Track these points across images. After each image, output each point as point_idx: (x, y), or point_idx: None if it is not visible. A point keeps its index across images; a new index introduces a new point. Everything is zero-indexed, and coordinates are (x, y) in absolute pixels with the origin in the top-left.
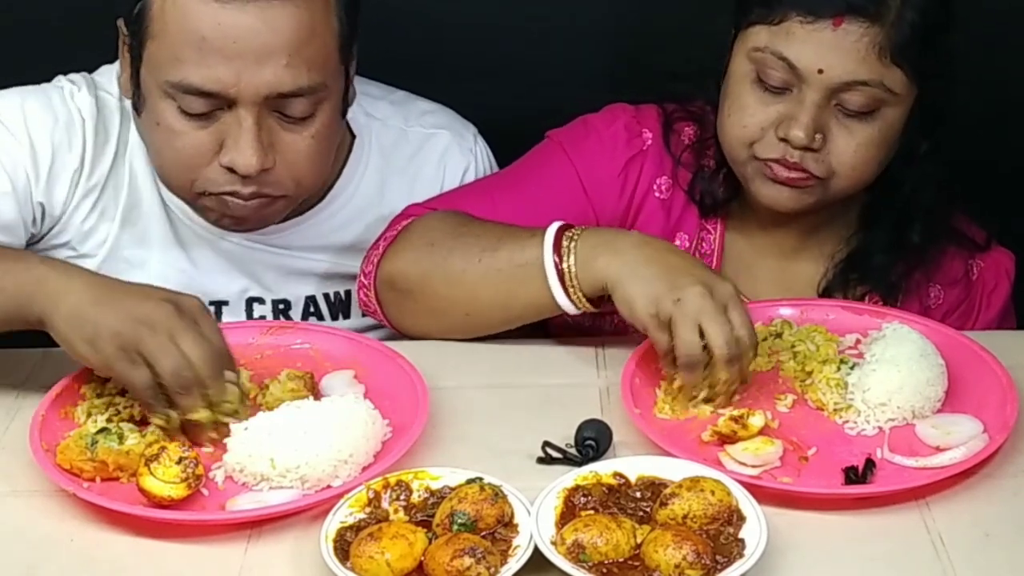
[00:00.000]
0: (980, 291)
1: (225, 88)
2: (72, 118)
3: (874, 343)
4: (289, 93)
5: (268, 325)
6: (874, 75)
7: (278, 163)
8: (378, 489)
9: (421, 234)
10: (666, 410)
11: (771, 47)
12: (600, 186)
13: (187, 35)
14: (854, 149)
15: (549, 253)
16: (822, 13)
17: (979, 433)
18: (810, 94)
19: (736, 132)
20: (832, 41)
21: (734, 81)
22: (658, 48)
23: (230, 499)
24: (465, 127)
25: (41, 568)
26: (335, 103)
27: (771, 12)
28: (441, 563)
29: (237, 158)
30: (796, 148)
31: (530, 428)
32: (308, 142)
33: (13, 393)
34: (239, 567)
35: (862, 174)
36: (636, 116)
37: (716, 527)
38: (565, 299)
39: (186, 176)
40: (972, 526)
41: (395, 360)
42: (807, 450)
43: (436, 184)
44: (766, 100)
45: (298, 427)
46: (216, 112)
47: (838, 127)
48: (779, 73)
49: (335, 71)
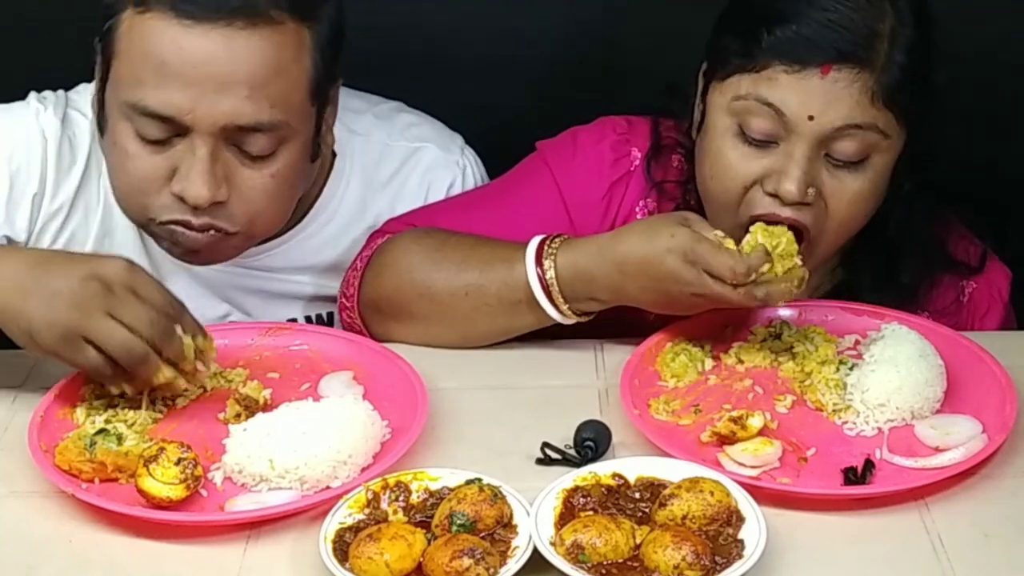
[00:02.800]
0: (971, 315)
1: (180, 114)
2: (31, 139)
3: (873, 344)
4: (248, 127)
5: (267, 326)
6: (868, 119)
7: (233, 198)
8: (377, 490)
9: (398, 258)
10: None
11: (755, 93)
12: (583, 208)
13: (148, 56)
14: (847, 202)
15: (537, 287)
16: (809, 62)
17: (978, 434)
18: (799, 145)
19: (721, 195)
20: (821, 88)
21: (713, 137)
22: (648, 51)
23: (229, 500)
24: (451, 139)
25: (40, 569)
26: (301, 145)
27: (752, 59)
28: (440, 564)
29: (188, 188)
30: (788, 204)
31: (529, 429)
32: (266, 181)
33: (12, 394)
34: (238, 568)
35: (852, 227)
36: (626, 133)
37: (715, 528)
38: (561, 317)
39: (137, 200)
40: (971, 527)
41: (394, 361)
42: (806, 451)
43: (420, 199)
44: (750, 155)
45: (297, 428)
46: (172, 139)
47: (830, 179)
48: (764, 122)
49: (302, 112)
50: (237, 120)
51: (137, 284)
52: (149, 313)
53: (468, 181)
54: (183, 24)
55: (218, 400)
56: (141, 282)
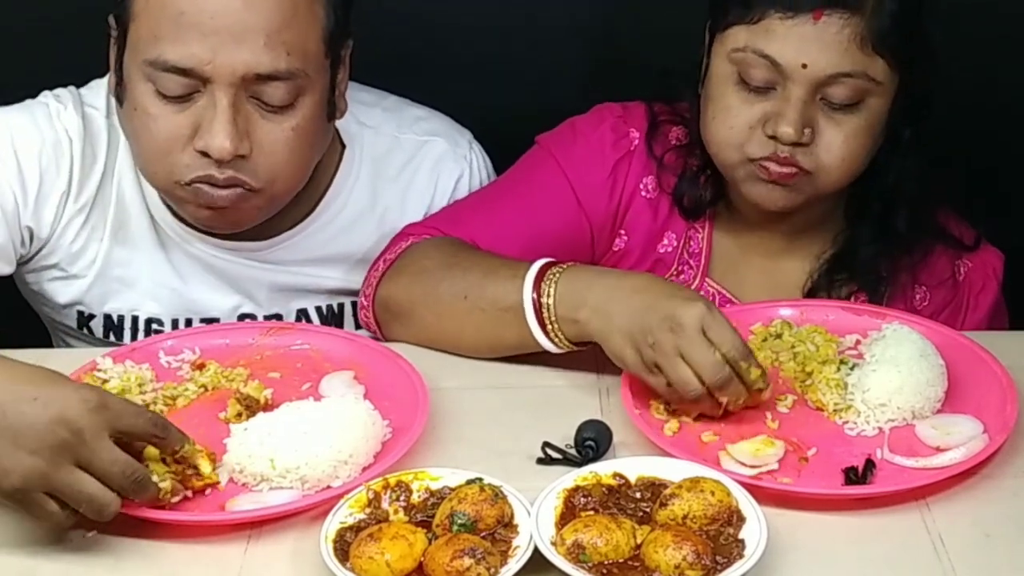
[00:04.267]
0: (967, 292)
1: (200, 64)
2: (59, 139)
3: (874, 344)
4: (267, 75)
5: (268, 326)
6: (857, 66)
7: (255, 152)
8: (378, 490)
9: (415, 260)
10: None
11: (752, 46)
12: (590, 191)
13: (166, 11)
14: (842, 141)
15: (529, 299)
16: (801, 7)
17: (979, 433)
18: (795, 90)
19: (723, 134)
20: (813, 35)
21: (715, 84)
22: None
23: (230, 499)
24: (460, 133)
25: (41, 569)
26: (318, 99)
27: (749, 11)
28: (441, 564)
29: (211, 141)
30: (785, 144)
31: (530, 429)
32: (287, 134)
33: None
34: (239, 567)
35: (851, 165)
36: (623, 115)
37: (716, 527)
38: (548, 342)
39: (162, 163)
40: (972, 526)
41: (395, 361)
42: (807, 450)
43: (429, 193)
44: (750, 100)
45: (298, 428)
46: (193, 95)
47: (825, 120)
48: (762, 72)
49: (318, 62)
50: (256, 68)
51: (110, 420)
52: (121, 464)
53: (475, 175)
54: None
55: (219, 400)
56: (114, 415)
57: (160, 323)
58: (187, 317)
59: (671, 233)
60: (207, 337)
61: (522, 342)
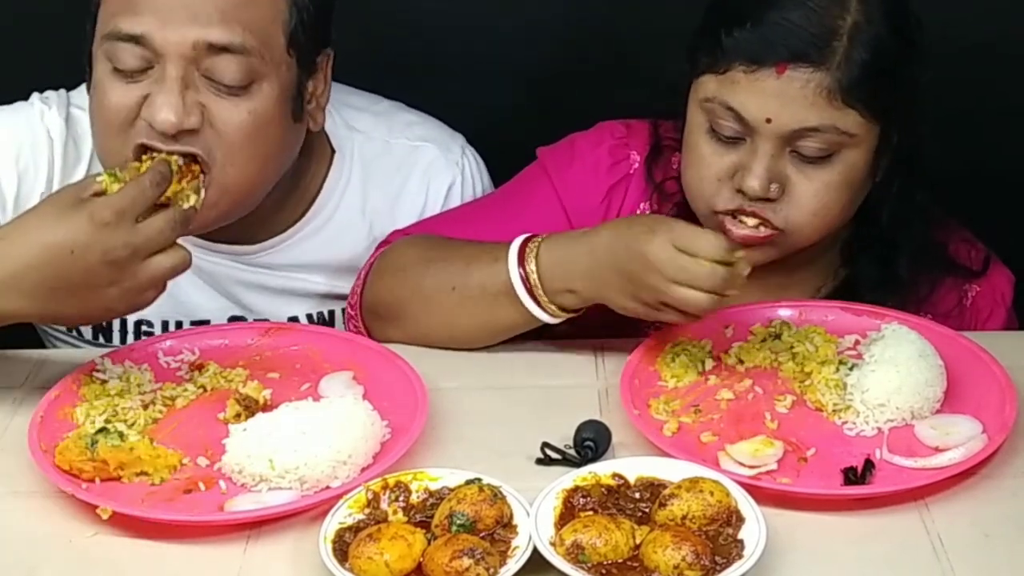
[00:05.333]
0: (973, 319)
1: (150, 33)
2: (38, 140)
3: (873, 344)
4: (219, 46)
5: (267, 327)
6: (825, 120)
7: (205, 128)
8: (377, 490)
9: (393, 261)
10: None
11: (719, 97)
12: (582, 214)
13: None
14: (813, 194)
15: (517, 279)
16: (764, 61)
17: (978, 434)
18: (762, 144)
19: (694, 185)
20: (776, 89)
21: (690, 132)
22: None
23: (229, 500)
24: (452, 139)
25: (40, 569)
26: (278, 91)
27: (717, 62)
28: (440, 564)
29: (155, 112)
30: (752, 199)
31: (529, 429)
32: (243, 116)
33: (12, 394)
34: (238, 568)
35: (824, 220)
36: (625, 137)
37: (715, 528)
38: (543, 314)
39: (113, 139)
40: (971, 527)
41: (394, 361)
42: (806, 451)
43: (420, 199)
44: (720, 151)
45: (297, 428)
46: (147, 71)
47: (796, 174)
48: (729, 123)
49: (276, 51)
50: (207, 36)
51: (125, 215)
52: (167, 230)
53: (468, 181)
54: None
55: (218, 400)
56: (126, 209)
57: (150, 325)
58: (177, 320)
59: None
60: (206, 338)
61: (518, 321)
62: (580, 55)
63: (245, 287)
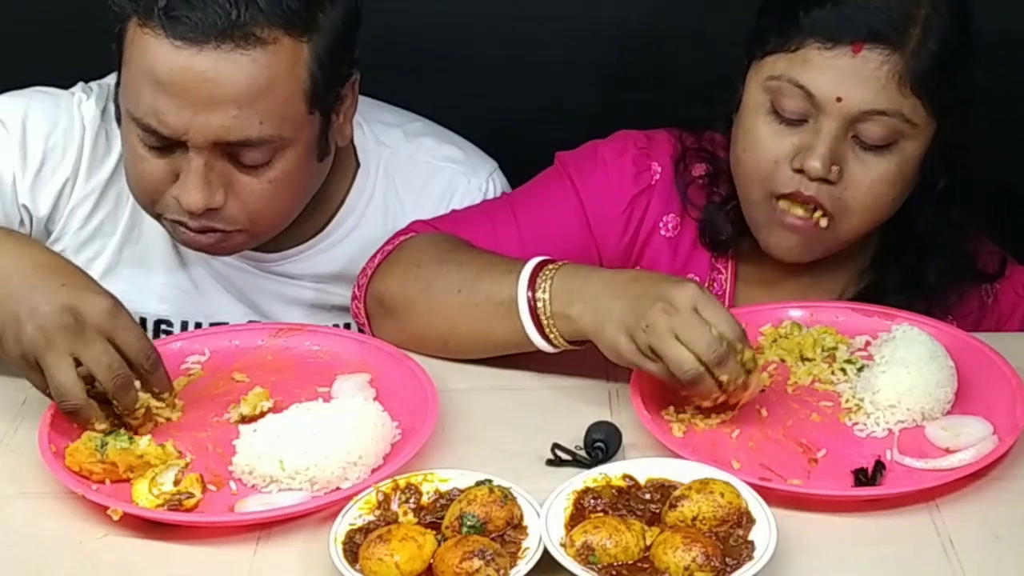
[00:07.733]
0: (995, 318)
1: (175, 132)
2: (72, 125)
3: (884, 344)
4: (237, 143)
5: (278, 327)
6: (893, 104)
7: (231, 202)
8: (387, 491)
9: (410, 255)
10: (698, 425)
11: (788, 75)
12: (604, 222)
13: (145, 72)
14: (869, 185)
15: (523, 294)
16: (842, 39)
17: (989, 435)
18: (827, 123)
19: (751, 167)
20: (851, 68)
21: (748, 113)
22: (662, 50)
23: (239, 501)
24: (482, 164)
25: (50, 570)
26: (301, 151)
27: (789, 39)
28: (450, 565)
29: (183, 196)
30: (812, 180)
31: (539, 430)
32: (264, 186)
33: (21, 395)
34: (248, 569)
35: (875, 213)
36: (647, 148)
37: (726, 529)
38: (541, 339)
39: (146, 197)
40: (982, 528)
41: (404, 362)
42: (816, 452)
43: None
44: (781, 132)
45: (307, 429)
46: (174, 147)
47: (855, 160)
48: (795, 102)
49: (297, 121)
50: (227, 137)
51: (115, 329)
52: (111, 360)
53: None
54: (174, 45)
55: (230, 401)
56: (121, 327)
57: (170, 324)
58: (197, 321)
59: (693, 275)
60: (217, 338)
61: (512, 339)
62: (595, 58)
63: (263, 294)
